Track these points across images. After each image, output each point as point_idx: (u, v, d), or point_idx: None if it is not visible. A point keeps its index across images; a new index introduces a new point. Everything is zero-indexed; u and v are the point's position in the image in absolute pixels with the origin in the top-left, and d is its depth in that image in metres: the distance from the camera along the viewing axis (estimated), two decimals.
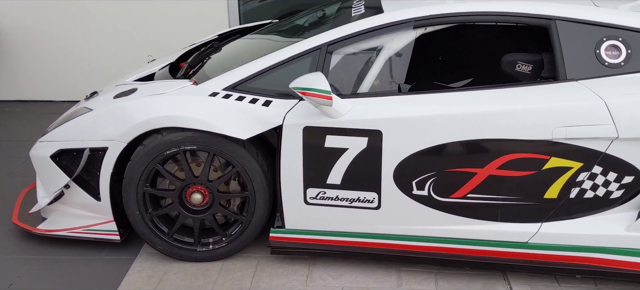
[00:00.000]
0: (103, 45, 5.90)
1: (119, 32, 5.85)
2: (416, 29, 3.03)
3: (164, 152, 3.03)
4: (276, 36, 3.86)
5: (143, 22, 5.80)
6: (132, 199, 3.12)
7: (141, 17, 5.79)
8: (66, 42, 5.90)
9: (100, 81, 5.85)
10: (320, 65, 3.03)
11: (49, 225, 3.39)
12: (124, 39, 5.86)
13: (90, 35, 5.86)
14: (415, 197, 2.95)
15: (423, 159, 2.87)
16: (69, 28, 5.85)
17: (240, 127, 2.97)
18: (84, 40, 5.89)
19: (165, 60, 3.93)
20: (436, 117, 2.83)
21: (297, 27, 3.95)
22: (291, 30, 3.93)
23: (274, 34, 3.91)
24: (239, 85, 3.09)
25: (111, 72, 5.85)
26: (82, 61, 5.95)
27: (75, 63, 5.97)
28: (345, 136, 2.91)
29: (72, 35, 5.87)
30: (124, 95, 3.22)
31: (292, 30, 3.93)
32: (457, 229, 2.99)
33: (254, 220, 3.16)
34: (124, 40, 5.86)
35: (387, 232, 3.06)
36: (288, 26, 4.03)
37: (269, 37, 3.88)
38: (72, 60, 5.96)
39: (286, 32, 3.92)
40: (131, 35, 5.84)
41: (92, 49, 5.91)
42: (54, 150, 3.23)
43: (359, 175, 2.95)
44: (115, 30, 5.85)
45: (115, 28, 5.84)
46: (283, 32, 3.91)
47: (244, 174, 3.06)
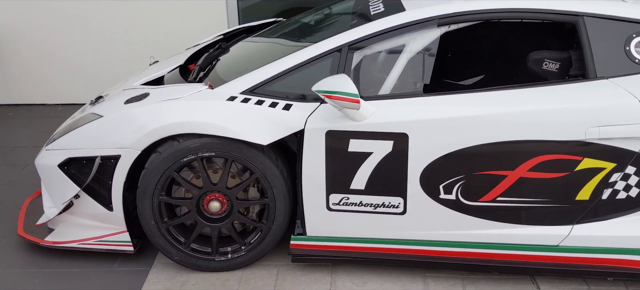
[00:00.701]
0: (96, 47, 5.73)
1: (112, 33, 5.68)
2: (440, 27, 2.93)
3: (181, 159, 2.91)
4: (286, 37, 3.74)
5: (137, 23, 5.64)
6: (147, 208, 3.00)
7: (135, 18, 5.63)
8: (57, 44, 5.72)
9: (93, 83, 5.73)
10: (342, 67, 2.93)
11: (57, 236, 3.25)
12: (117, 41, 5.70)
13: (81, 37, 5.69)
14: (442, 201, 2.86)
15: (451, 162, 2.78)
16: (60, 30, 5.67)
17: (261, 132, 2.86)
18: (75, 43, 5.71)
19: (171, 62, 3.80)
20: (465, 118, 2.74)
21: (307, 26, 3.83)
22: (301, 30, 3.82)
23: (283, 35, 3.80)
24: (257, 88, 2.97)
25: (105, 75, 5.72)
26: (74, 64, 5.78)
27: (67, 66, 5.79)
28: (369, 140, 2.81)
29: (62, 38, 5.69)
30: (135, 100, 3.09)
31: (302, 30, 3.82)
32: (486, 233, 2.91)
33: (274, 228, 3.06)
34: (117, 41, 5.70)
35: (412, 238, 2.97)
36: (296, 26, 3.91)
37: (279, 37, 3.76)
38: (63, 63, 5.79)
39: (296, 32, 3.81)
40: (125, 36, 5.68)
41: (83, 51, 5.74)
42: (62, 158, 3.09)
43: (384, 180, 2.86)
44: (108, 32, 5.68)
45: (108, 29, 5.67)
46: (293, 32, 3.79)
47: (264, 180, 2.96)
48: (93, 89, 5.72)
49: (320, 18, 3.99)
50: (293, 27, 3.89)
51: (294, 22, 4.03)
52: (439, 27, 2.94)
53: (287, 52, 3.20)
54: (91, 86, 5.75)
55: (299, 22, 3.98)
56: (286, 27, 3.97)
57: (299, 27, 3.86)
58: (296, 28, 3.85)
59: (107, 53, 5.73)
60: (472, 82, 4.27)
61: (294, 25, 3.93)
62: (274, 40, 3.76)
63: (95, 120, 3.08)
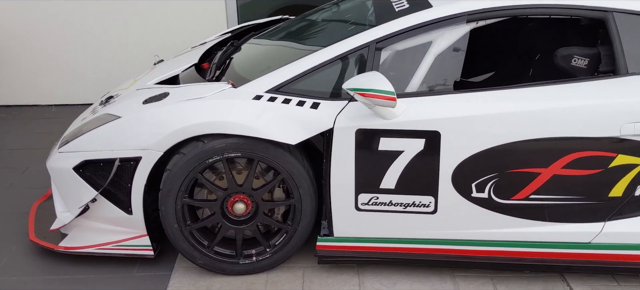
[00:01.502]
0: (89, 47, 5.58)
1: (106, 33, 5.53)
2: (469, 23, 2.88)
3: (206, 160, 2.82)
4: (302, 35, 3.68)
5: (132, 22, 5.50)
6: (170, 211, 2.90)
7: (130, 17, 5.49)
8: (49, 44, 5.55)
9: (87, 84, 5.60)
10: (370, 64, 2.86)
11: (72, 242, 3.14)
12: (111, 40, 5.56)
13: (75, 36, 5.53)
14: (474, 200, 2.82)
15: (484, 160, 2.74)
16: (53, 30, 5.50)
17: (289, 131, 2.78)
18: (68, 43, 5.55)
19: (179, 61, 3.70)
20: (499, 115, 2.70)
21: (321, 24, 3.77)
22: (316, 27, 3.75)
23: (298, 32, 3.73)
24: (283, 86, 2.90)
25: (100, 75, 5.59)
26: (67, 64, 5.62)
27: (60, 66, 5.63)
28: (400, 138, 2.75)
29: (55, 38, 5.52)
30: (155, 100, 2.99)
31: (317, 27, 3.75)
32: (518, 231, 2.87)
33: (300, 229, 2.99)
34: (111, 41, 5.56)
35: (443, 237, 2.92)
36: (309, 23, 3.85)
37: (294, 35, 3.69)
38: (55, 63, 5.62)
39: (311, 29, 3.74)
40: (120, 36, 5.54)
41: (77, 51, 5.58)
42: (78, 161, 2.98)
43: (415, 179, 2.80)
44: (102, 31, 5.53)
45: (102, 29, 5.52)
46: (308, 30, 3.73)
47: (290, 181, 2.88)
48: (88, 89, 5.60)
49: (331, 15, 3.93)
50: (306, 25, 3.82)
51: (305, 19, 3.96)
52: (468, 23, 2.89)
53: (306, 50, 3.14)
54: (85, 86, 5.63)
55: (310, 19, 3.91)
56: (298, 24, 3.90)
57: (314, 25, 3.80)
58: (310, 25, 3.78)
59: (101, 53, 5.59)
60: (481, 79, 4.25)
61: (307, 23, 3.86)
62: (289, 38, 3.68)
63: (113, 121, 2.98)
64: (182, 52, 4.08)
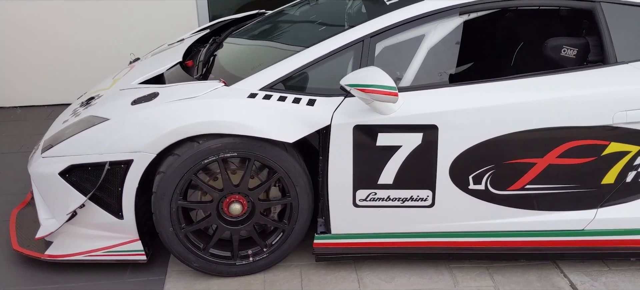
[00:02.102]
0: (55, 47, 5.37)
1: (72, 32, 5.34)
2: (461, 15, 2.89)
3: (202, 161, 2.76)
4: (285, 29, 3.64)
5: (100, 22, 5.32)
6: (165, 215, 2.83)
7: (97, 17, 5.31)
8: (13, 44, 5.32)
9: (54, 84, 5.39)
10: (365, 58, 2.85)
11: (59, 249, 3.03)
12: (78, 40, 5.36)
13: (40, 36, 5.32)
14: (471, 192, 2.84)
15: (481, 152, 2.76)
16: (17, 29, 5.27)
17: (286, 129, 2.75)
18: (33, 42, 5.33)
19: (159, 59, 3.60)
20: (495, 107, 2.72)
21: (301, 17, 3.74)
22: (297, 21, 3.72)
23: (281, 27, 3.69)
24: (277, 84, 2.85)
25: (67, 76, 5.39)
26: (32, 64, 5.40)
27: (24, 66, 5.40)
28: (398, 133, 2.75)
29: (19, 37, 5.29)
30: (144, 100, 2.90)
31: (298, 21, 3.72)
32: (513, 221, 2.91)
33: (297, 228, 2.96)
34: (78, 41, 5.37)
35: (440, 230, 2.94)
36: (289, 17, 3.81)
37: (278, 30, 3.65)
38: (20, 63, 5.39)
39: (293, 23, 3.71)
40: (86, 35, 5.35)
41: (42, 50, 5.36)
42: (64, 166, 2.88)
43: (413, 173, 2.81)
44: (68, 31, 5.33)
45: (68, 28, 5.32)
46: (291, 24, 3.69)
47: (287, 179, 2.85)
48: (55, 90, 5.42)
49: (312, 9, 3.90)
50: (289, 19, 3.78)
51: (285, 13, 3.91)
52: (461, 15, 2.89)
53: (294, 45, 3.10)
54: (52, 87, 5.44)
55: (291, 13, 3.87)
56: (280, 19, 3.85)
57: (297, 19, 3.76)
58: (292, 20, 3.74)
59: (68, 52, 5.40)
60: (460, 70, 4.27)
61: (289, 17, 3.81)
62: (274, 34, 3.64)
63: (101, 124, 2.88)
64: (160, 50, 3.98)
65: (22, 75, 5.42)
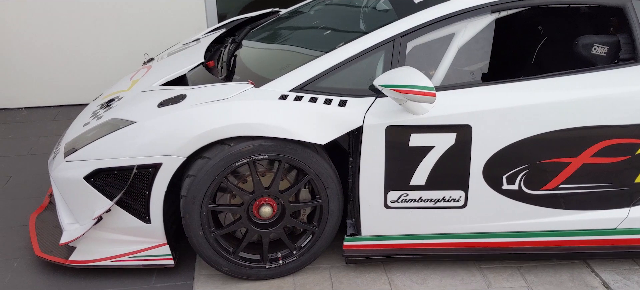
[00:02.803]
0: (61, 47, 5.26)
1: (80, 32, 5.23)
2: (492, 13, 2.86)
3: (233, 164, 2.71)
4: (307, 28, 3.59)
5: (107, 21, 5.23)
6: (195, 218, 2.78)
7: (104, 16, 5.21)
8: (16, 44, 5.20)
9: (59, 85, 5.30)
10: (396, 58, 2.80)
11: (83, 255, 2.97)
12: (85, 40, 5.26)
13: (47, 36, 5.20)
14: (504, 192, 2.82)
15: (515, 152, 2.74)
16: (20, 29, 5.16)
17: (318, 131, 2.71)
18: (39, 43, 5.22)
19: (181, 59, 3.54)
20: (530, 106, 2.70)
21: (322, 15, 3.70)
22: (319, 19, 3.67)
23: (302, 26, 3.64)
24: (307, 85, 2.81)
25: (74, 76, 5.31)
26: (38, 65, 5.29)
27: (28, 67, 5.29)
28: (431, 133, 2.72)
29: (23, 37, 5.18)
30: (171, 102, 2.85)
31: (319, 19, 3.67)
32: (546, 221, 2.89)
33: (327, 230, 2.92)
34: (85, 41, 5.26)
35: (472, 231, 2.91)
36: (309, 16, 3.76)
37: (298, 29, 3.60)
38: (24, 64, 5.29)
39: (314, 22, 3.66)
40: (94, 35, 5.24)
41: (48, 51, 5.25)
42: (90, 170, 2.82)
43: (446, 174, 2.77)
44: (76, 30, 5.23)
45: (76, 28, 5.22)
46: (312, 23, 3.64)
47: (318, 181, 2.81)
48: (59, 91, 5.33)
49: (331, 7, 3.86)
50: (309, 17, 3.74)
51: (304, 11, 3.87)
52: (492, 13, 2.86)
53: (318, 44, 3.05)
54: (56, 88, 5.35)
55: (311, 11, 3.83)
56: (300, 17, 3.81)
57: (318, 17, 3.72)
58: (313, 18, 3.69)
59: (73, 53, 5.30)
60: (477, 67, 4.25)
61: (309, 16, 3.77)
62: (294, 32, 3.59)
63: (128, 127, 2.82)
64: (175, 50, 3.91)
65: (27, 75, 5.33)
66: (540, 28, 3.68)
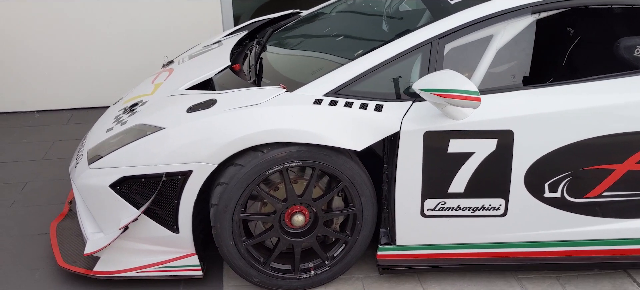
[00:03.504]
0: (73, 48, 5.13)
1: (91, 33, 5.11)
2: (534, 14, 2.76)
3: (266, 171, 2.61)
4: (334, 29, 3.49)
5: (121, 22, 5.12)
6: (226, 228, 2.68)
7: (118, 17, 5.10)
8: (28, 46, 5.08)
9: (73, 87, 5.20)
10: (434, 61, 2.71)
11: (108, 265, 2.87)
12: (97, 41, 5.14)
13: (59, 36, 5.09)
14: (546, 200, 2.72)
15: (559, 159, 2.64)
16: (33, 31, 5.05)
17: (354, 137, 2.61)
18: (50, 44, 5.09)
19: (206, 62, 3.45)
20: (575, 111, 2.60)
21: (349, 16, 3.61)
22: (346, 20, 3.58)
23: (329, 27, 3.54)
24: (341, 89, 2.71)
25: (86, 77, 5.21)
26: (50, 66, 5.17)
27: (42, 69, 5.18)
28: (471, 139, 2.62)
29: (36, 39, 5.07)
30: (201, 108, 2.75)
31: (346, 20, 3.58)
32: (588, 229, 2.79)
33: (360, 239, 2.82)
34: (97, 42, 5.14)
35: (511, 240, 2.81)
36: (335, 16, 3.67)
37: (325, 30, 3.50)
38: (37, 66, 5.17)
39: (341, 23, 3.57)
40: (108, 36, 5.13)
41: (61, 52, 5.14)
42: (116, 178, 2.72)
43: (485, 181, 2.68)
44: (87, 32, 5.10)
45: (87, 29, 5.09)
46: (339, 24, 3.55)
47: (352, 189, 2.71)
48: (72, 93, 5.22)
49: (347, 8, 3.77)
50: (332, 19, 3.64)
51: (325, 13, 3.78)
52: (532, 14, 2.76)
53: (347, 45, 2.96)
54: (69, 89, 5.25)
55: (329, 13, 3.74)
56: (321, 19, 3.71)
57: (339, 19, 3.62)
58: (340, 19, 3.60)
59: (86, 54, 5.20)
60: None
61: (330, 17, 3.68)
62: (320, 34, 3.50)
63: (156, 133, 2.73)
64: (196, 52, 3.80)
65: (39, 78, 5.23)
66: (569, 29, 3.57)
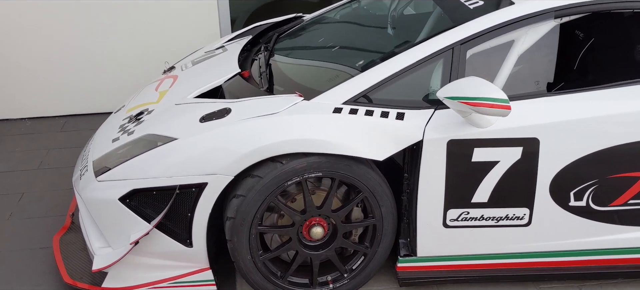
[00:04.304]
0: (66, 53, 4.93)
1: (84, 37, 4.93)
2: (557, 19, 2.69)
3: (285, 182, 2.51)
4: (343, 34, 3.42)
5: (114, 26, 4.96)
6: (243, 242, 2.58)
7: (110, 21, 4.94)
8: (18, 51, 4.90)
9: (65, 93, 5.05)
10: (456, 67, 2.63)
11: (117, 281, 2.75)
12: (92, 45, 4.97)
13: (50, 42, 4.90)
14: (571, 209, 2.65)
15: (585, 167, 2.58)
16: (22, 35, 4.86)
17: (377, 146, 2.52)
18: (41, 49, 4.90)
19: (211, 68, 3.34)
20: (601, 118, 2.54)
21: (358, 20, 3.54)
22: (354, 24, 3.51)
23: (338, 32, 3.47)
24: (361, 97, 2.62)
25: (80, 83, 5.04)
26: (41, 72, 4.98)
27: (32, 75, 4.98)
28: (496, 147, 2.55)
29: (26, 43, 4.87)
30: (215, 117, 2.64)
31: (356, 24, 3.51)
32: (613, 238, 2.74)
33: (380, 250, 2.74)
34: (93, 46, 4.97)
35: (534, 250, 2.75)
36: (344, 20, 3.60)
37: (333, 35, 3.42)
38: (27, 72, 4.97)
39: (350, 27, 3.49)
40: (99, 40, 4.94)
41: (52, 57, 4.94)
42: (126, 190, 2.61)
43: (510, 190, 2.61)
44: (80, 36, 4.93)
45: (80, 33, 4.92)
46: (349, 28, 3.47)
47: (372, 199, 2.63)
48: (66, 100, 5.06)
49: (352, 12, 3.70)
50: (339, 23, 3.56)
51: (329, 17, 3.70)
52: (555, 19, 2.70)
53: (359, 52, 2.88)
54: (61, 96, 5.09)
55: (334, 16, 3.67)
56: (328, 23, 3.63)
57: (347, 23, 3.55)
58: (342, 24, 3.53)
59: (78, 60, 5.02)
60: None
61: (337, 21, 3.60)
62: (328, 39, 3.41)
63: (168, 144, 2.62)
64: (199, 58, 3.67)
65: (30, 84, 5.05)
66: (578, 33, 3.52)
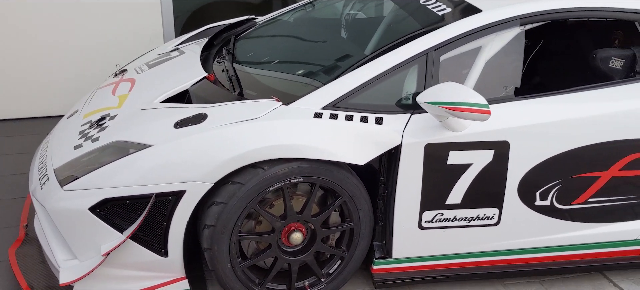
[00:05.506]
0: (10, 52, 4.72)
1: (24, 36, 4.71)
2: (521, 26, 2.81)
3: (267, 189, 2.49)
4: (295, 37, 3.45)
5: (57, 24, 4.73)
6: (224, 250, 2.54)
7: (53, 19, 4.71)
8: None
9: (14, 93, 4.75)
10: (430, 73, 2.69)
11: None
12: (32, 45, 4.74)
13: None
14: (537, 208, 2.78)
15: (551, 167, 2.71)
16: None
17: (358, 151, 2.55)
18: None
19: (173, 71, 3.25)
20: (568, 121, 2.68)
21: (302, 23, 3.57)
22: (304, 27, 3.53)
23: (289, 34, 3.50)
24: (340, 102, 2.63)
25: (28, 83, 4.75)
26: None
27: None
28: (470, 150, 2.63)
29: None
30: (191, 123, 2.58)
31: (304, 27, 3.54)
32: (573, 235, 2.89)
33: (357, 253, 2.77)
34: (32, 45, 4.75)
35: (501, 248, 2.86)
36: (305, 23, 3.62)
37: (291, 38, 3.44)
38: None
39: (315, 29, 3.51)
40: (42, 39, 4.72)
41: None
42: (97, 200, 2.50)
43: (482, 192, 2.70)
44: (20, 35, 4.71)
45: (19, 32, 4.70)
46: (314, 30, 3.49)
47: (351, 203, 2.65)
48: (13, 101, 4.75)
49: (312, 16, 3.73)
50: (295, 26, 3.59)
51: (286, 20, 3.71)
52: (520, 26, 2.81)
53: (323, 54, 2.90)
54: (10, 97, 4.78)
55: (288, 19, 3.68)
56: (286, 25, 3.64)
57: (305, 26, 3.57)
58: (299, 26, 3.55)
59: (12, 60, 4.75)
60: None
61: (291, 23, 3.63)
62: (290, 42, 3.41)
63: (142, 151, 2.54)
64: (154, 60, 3.53)
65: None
66: (527, 41, 3.70)
